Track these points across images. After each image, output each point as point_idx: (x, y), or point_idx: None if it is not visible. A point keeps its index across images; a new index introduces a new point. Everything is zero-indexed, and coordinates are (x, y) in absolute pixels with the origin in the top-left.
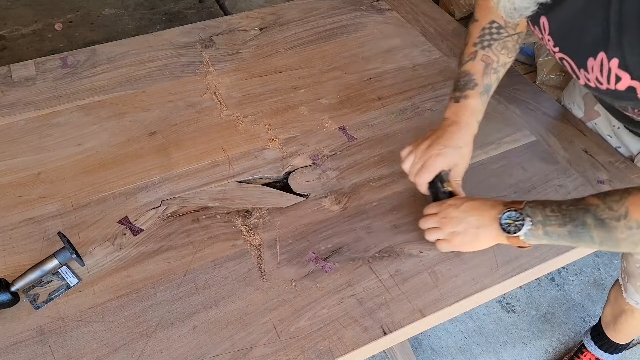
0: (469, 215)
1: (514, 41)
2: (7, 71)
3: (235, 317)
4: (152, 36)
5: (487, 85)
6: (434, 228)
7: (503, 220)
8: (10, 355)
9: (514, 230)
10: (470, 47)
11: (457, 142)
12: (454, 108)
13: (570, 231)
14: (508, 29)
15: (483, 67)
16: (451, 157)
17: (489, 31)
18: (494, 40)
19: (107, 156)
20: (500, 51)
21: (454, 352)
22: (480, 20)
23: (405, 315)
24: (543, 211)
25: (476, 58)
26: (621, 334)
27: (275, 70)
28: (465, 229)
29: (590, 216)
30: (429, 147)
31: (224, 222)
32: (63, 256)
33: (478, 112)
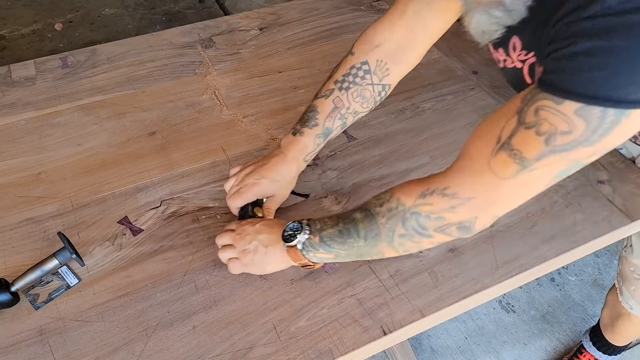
0: (260, 233)
1: (375, 92)
2: (7, 71)
3: (235, 317)
4: (152, 36)
5: (327, 129)
6: (227, 246)
7: (285, 232)
8: (10, 355)
9: (293, 239)
10: (331, 83)
11: (276, 175)
12: (288, 139)
13: (341, 230)
14: (374, 77)
15: (330, 110)
16: (266, 188)
17: (356, 72)
18: (354, 85)
19: (107, 156)
20: (354, 98)
21: (454, 352)
22: (355, 56)
23: (405, 315)
24: (322, 220)
25: (329, 97)
26: (619, 336)
27: (275, 70)
28: (256, 247)
29: (360, 210)
30: (249, 174)
31: (224, 222)
32: (63, 256)
33: (308, 152)
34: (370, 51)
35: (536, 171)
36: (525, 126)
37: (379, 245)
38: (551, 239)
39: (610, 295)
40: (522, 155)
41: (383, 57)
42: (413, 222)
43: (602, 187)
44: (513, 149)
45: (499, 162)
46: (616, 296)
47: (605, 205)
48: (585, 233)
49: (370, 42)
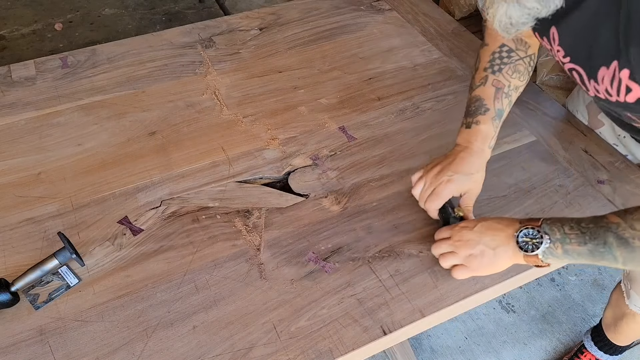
0: (484, 235)
1: (526, 64)
2: (7, 71)
3: (235, 317)
4: (152, 36)
5: (499, 110)
6: (448, 253)
7: (520, 238)
8: (10, 355)
9: (532, 248)
10: (481, 72)
11: (468, 168)
12: (465, 134)
13: (592, 250)
14: (519, 52)
15: (494, 92)
16: (462, 183)
17: (499, 55)
18: (504, 65)
19: (107, 156)
20: (511, 75)
21: (454, 352)
22: (490, 45)
23: (405, 315)
24: (561, 229)
25: (487, 83)
26: (622, 336)
27: (275, 70)
28: (482, 251)
29: (612, 235)
30: (439, 172)
31: (224, 222)
32: (63, 256)
33: (490, 138)
34: (501, 37)
35: None
36: None
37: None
38: None
39: (614, 295)
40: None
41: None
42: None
43: (602, 187)
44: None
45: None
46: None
47: (605, 205)
48: None
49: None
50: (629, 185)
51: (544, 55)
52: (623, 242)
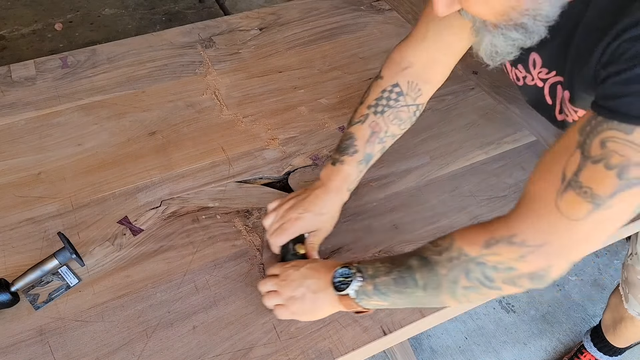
0: (307, 278)
1: (410, 113)
2: (7, 71)
3: (235, 317)
4: (152, 36)
5: (367, 155)
6: (272, 292)
7: (335, 278)
8: (10, 355)
9: (345, 287)
10: (364, 108)
11: (320, 208)
12: (328, 170)
13: (395, 278)
14: (407, 98)
15: (369, 135)
16: (310, 222)
17: (388, 95)
18: (388, 107)
19: (107, 156)
20: (391, 121)
21: (454, 352)
22: (384, 80)
23: (405, 315)
24: (374, 264)
25: (365, 122)
26: (621, 339)
27: (275, 70)
28: (304, 294)
29: (416, 257)
30: (291, 208)
31: (224, 222)
32: (63, 256)
33: (351, 181)
34: (398, 74)
35: (611, 209)
36: (592, 160)
37: (440, 296)
38: None
39: (613, 299)
40: (594, 192)
41: (413, 78)
42: (478, 274)
43: None
44: (582, 187)
45: (568, 202)
46: (619, 300)
47: None
48: None
49: (397, 65)
50: None
51: None
52: (424, 261)
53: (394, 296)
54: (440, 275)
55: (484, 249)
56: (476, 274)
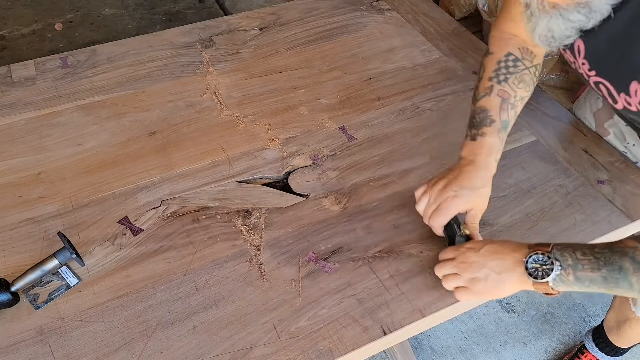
0: (489, 259)
1: (532, 74)
2: (7, 71)
3: (235, 317)
4: (152, 36)
5: (504, 122)
6: (451, 275)
7: (529, 264)
8: (10, 355)
9: (542, 275)
10: (486, 81)
11: (474, 183)
12: (471, 146)
13: (606, 277)
14: (525, 61)
15: (500, 103)
16: (468, 199)
17: (505, 64)
18: (510, 74)
19: (107, 156)
20: (517, 85)
21: (454, 352)
22: (495, 53)
23: (405, 315)
24: (573, 254)
25: (492, 93)
26: (624, 339)
27: (275, 70)
28: (487, 275)
29: (628, 260)
30: (444, 187)
31: (224, 222)
32: (63, 256)
33: (496, 151)
34: (506, 44)
35: None
36: None
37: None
38: (551, 239)
39: (618, 300)
40: None
41: (522, 44)
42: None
43: (602, 187)
44: None
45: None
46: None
47: (605, 205)
48: (585, 233)
49: (502, 39)
50: (629, 185)
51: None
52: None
53: (598, 289)
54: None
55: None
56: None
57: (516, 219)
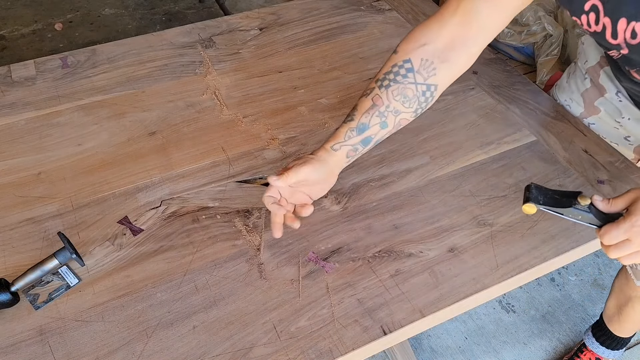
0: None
1: (418, 92)
2: (7, 71)
3: (235, 317)
4: (152, 36)
5: (361, 124)
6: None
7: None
8: (10, 355)
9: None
10: (372, 82)
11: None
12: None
13: None
14: (417, 75)
15: (368, 107)
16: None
17: (397, 71)
18: (395, 82)
19: (107, 156)
20: (394, 97)
21: (454, 352)
22: (398, 55)
23: (405, 315)
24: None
25: (369, 95)
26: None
27: (275, 70)
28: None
29: None
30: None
31: (224, 222)
32: (63, 256)
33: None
34: (414, 50)
35: None
36: None
37: None
38: (551, 239)
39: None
40: None
41: (429, 56)
42: None
43: (602, 187)
44: None
45: None
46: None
47: None
48: (585, 233)
49: (415, 41)
50: (629, 185)
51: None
52: None
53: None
54: None
55: None
56: None
57: (516, 219)
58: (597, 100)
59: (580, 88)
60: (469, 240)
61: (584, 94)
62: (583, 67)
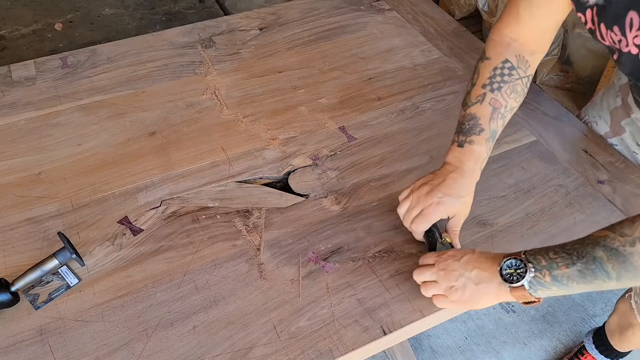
0: (469, 269)
1: (524, 84)
2: (7, 71)
3: (235, 317)
4: (152, 36)
5: (493, 131)
6: (430, 282)
7: (504, 270)
8: (10, 355)
9: (517, 279)
10: (479, 88)
11: (459, 190)
12: (457, 153)
13: (581, 270)
14: (519, 71)
15: (491, 112)
16: (451, 206)
17: (501, 72)
18: (504, 83)
19: (107, 156)
20: (509, 95)
21: (454, 352)
22: (492, 59)
23: (405, 315)
24: (546, 255)
25: (484, 101)
26: (625, 344)
27: (275, 70)
28: (465, 285)
29: (601, 248)
30: (428, 193)
31: (224, 222)
32: (63, 256)
33: (482, 159)
34: (505, 50)
35: None
36: None
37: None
38: (551, 239)
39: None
40: None
41: (519, 52)
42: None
43: (602, 187)
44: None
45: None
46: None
47: (605, 205)
48: (585, 233)
49: (501, 44)
50: (629, 185)
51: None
52: (613, 252)
53: (578, 286)
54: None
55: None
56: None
57: (516, 219)
58: (624, 120)
59: (611, 105)
60: (468, 241)
61: (613, 112)
62: (617, 83)
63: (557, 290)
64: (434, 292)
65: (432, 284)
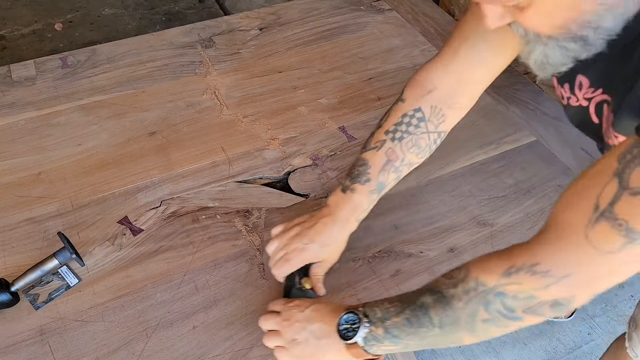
0: (312, 322)
1: (430, 140)
2: (7, 71)
3: (235, 317)
4: (152, 36)
5: (380, 184)
6: (273, 332)
7: (341, 326)
8: (10, 355)
9: (352, 335)
10: (381, 133)
11: (325, 238)
12: (338, 198)
13: (409, 318)
14: (429, 124)
15: (384, 163)
16: (315, 253)
17: (409, 121)
18: (407, 134)
19: (107, 156)
20: (409, 149)
21: (454, 351)
22: (406, 103)
23: None
24: (382, 305)
25: (381, 149)
26: None
27: (275, 70)
28: (307, 339)
29: (429, 293)
30: (295, 236)
31: (224, 222)
32: (63, 256)
33: (361, 210)
34: (422, 97)
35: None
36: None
37: (458, 332)
38: None
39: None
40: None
41: (437, 102)
42: (498, 305)
43: None
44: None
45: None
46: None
47: None
48: None
49: (422, 87)
50: None
51: None
52: (438, 296)
53: (408, 338)
54: (458, 310)
55: (503, 278)
56: (496, 305)
57: (516, 219)
58: None
59: None
60: (468, 241)
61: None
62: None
63: (390, 346)
64: (276, 344)
65: (274, 334)
